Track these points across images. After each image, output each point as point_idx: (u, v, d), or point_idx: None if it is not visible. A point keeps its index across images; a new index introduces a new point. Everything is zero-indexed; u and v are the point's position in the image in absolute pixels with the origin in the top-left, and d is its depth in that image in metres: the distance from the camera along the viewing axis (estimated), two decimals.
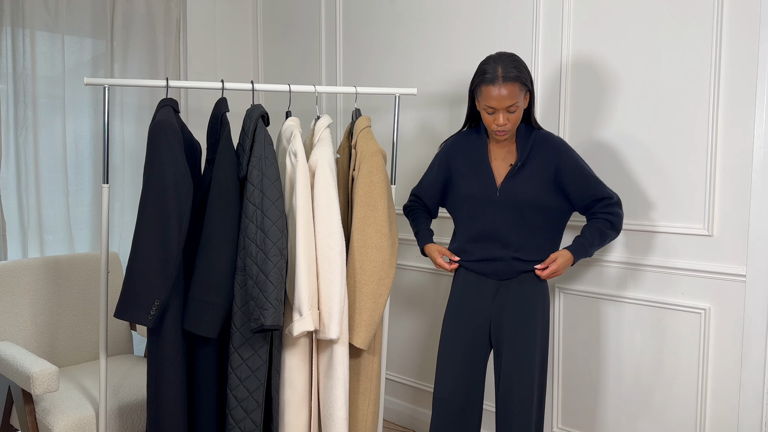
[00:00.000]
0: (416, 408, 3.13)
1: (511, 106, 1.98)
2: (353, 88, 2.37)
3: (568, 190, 2.07)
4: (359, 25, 3.25)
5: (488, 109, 2.00)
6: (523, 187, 2.05)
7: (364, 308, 2.17)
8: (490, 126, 2.04)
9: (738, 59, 2.09)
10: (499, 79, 1.96)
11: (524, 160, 2.07)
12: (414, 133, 3.05)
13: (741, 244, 2.12)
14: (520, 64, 2.00)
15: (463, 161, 2.15)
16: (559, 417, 2.61)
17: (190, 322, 2.03)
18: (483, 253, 2.10)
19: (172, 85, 2.21)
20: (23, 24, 2.98)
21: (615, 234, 2.10)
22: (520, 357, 2.04)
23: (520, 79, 1.97)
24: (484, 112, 2.03)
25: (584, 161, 2.12)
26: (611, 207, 2.08)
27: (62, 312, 2.68)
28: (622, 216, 2.11)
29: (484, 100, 2.00)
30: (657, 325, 2.32)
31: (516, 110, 2.00)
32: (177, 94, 3.52)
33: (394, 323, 3.18)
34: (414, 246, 3.06)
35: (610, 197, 2.08)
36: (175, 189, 1.98)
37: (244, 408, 2.10)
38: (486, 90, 1.98)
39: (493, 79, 1.96)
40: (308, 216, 2.07)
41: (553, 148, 2.08)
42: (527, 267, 2.09)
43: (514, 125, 2.03)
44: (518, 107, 2.00)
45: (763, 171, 2.06)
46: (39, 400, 2.30)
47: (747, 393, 2.12)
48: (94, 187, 3.26)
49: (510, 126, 2.02)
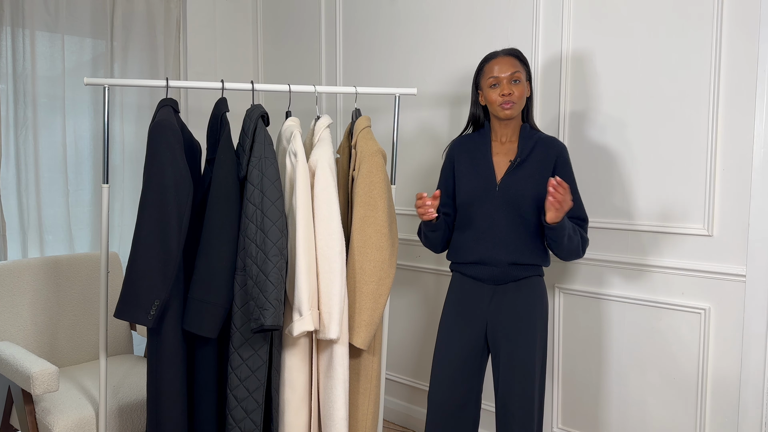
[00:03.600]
0: (414, 407, 3.13)
1: (515, 73, 2.03)
2: (353, 88, 2.37)
3: None
4: (359, 25, 3.25)
5: (492, 80, 2.05)
6: (522, 183, 2.05)
7: (364, 308, 2.17)
8: (495, 101, 2.05)
9: (738, 59, 2.09)
10: (500, 53, 2.09)
11: (525, 158, 2.07)
12: (414, 133, 3.05)
13: (741, 244, 2.12)
14: (522, 53, 2.11)
15: (466, 160, 2.16)
16: (559, 417, 2.61)
17: (190, 322, 2.03)
18: (479, 256, 2.09)
19: (172, 85, 2.21)
20: (23, 24, 2.98)
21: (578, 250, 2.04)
22: (519, 362, 2.04)
23: (521, 57, 2.08)
24: (489, 91, 2.06)
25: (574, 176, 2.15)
26: (583, 227, 2.10)
27: (62, 312, 2.68)
28: (588, 241, 2.10)
29: (487, 75, 2.07)
30: (657, 325, 2.32)
31: (519, 81, 2.04)
32: (177, 94, 3.52)
33: (393, 323, 3.18)
34: (414, 246, 3.07)
35: (583, 219, 2.11)
36: (175, 189, 1.98)
37: (244, 408, 2.10)
38: (488, 66, 2.08)
39: (495, 55, 2.09)
40: (308, 216, 2.07)
41: (555, 150, 2.09)
42: (524, 273, 2.08)
43: (519, 100, 2.05)
44: (521, 79, 2.05)
45: (763, 171, 2.06)
46: (39, 400, 2.30)
47: (747, 393, 2.12)
48: (94, 187, 3.26)
49: (515, 98, 2.03)
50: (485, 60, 2.11)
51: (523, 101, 2.07)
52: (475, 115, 2.20)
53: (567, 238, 2.00)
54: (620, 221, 2.38)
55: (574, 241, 2.03)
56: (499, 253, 2.07)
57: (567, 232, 1.99)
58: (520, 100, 2.05)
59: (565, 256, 2.06)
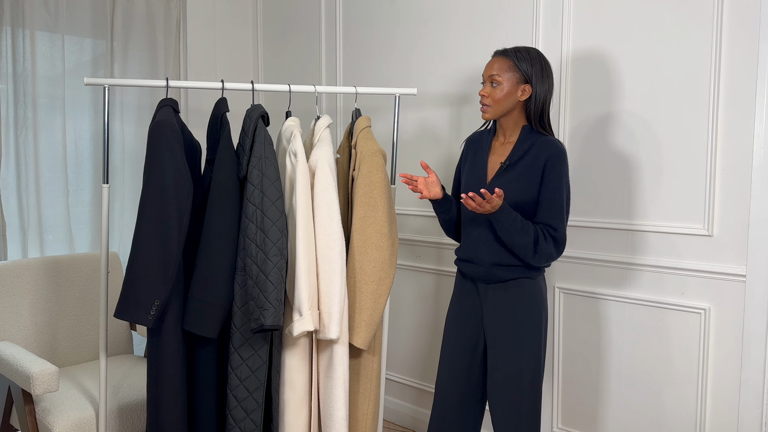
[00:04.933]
0: (417, 408, 3.13)
1: (493, 75, 2.01)
2: (353, 88, 2.37)
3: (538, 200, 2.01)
4: (359, 25, 3.25)
5: (482, 79, 2.08)
6: (507, 186, 2.01)
7: (364, 308, 2.17)
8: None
9: (738, 59, 2.09)
10: (497, 52, 2.06)
11: (516, 160, 2.03)
12: (414, 133, 3.05)
13: (741, 244, 2.12)
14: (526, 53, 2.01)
15: (472, 156, 2.16)
16: (559, 417, 2.61)
17: (190, 322, 2.03)
18: (469, 254, 2.09)
19: (172, 85, 2.21)
20: (23, 24, 2.98)
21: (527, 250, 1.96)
22: (504, 363, 2.02)
23: (514, 58, 2.00)
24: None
25: (566, 184, 2.01)
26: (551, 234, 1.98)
27: (62, 312, 2.68)
28: (548, 253, 1.98)
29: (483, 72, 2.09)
30: (657, 325, 2.32)
31: (499, 85, 2.00)
32: (177, 94, 3.52)
33: (394, 323, 3.18)
34: (414, 246, 3.07)
35: (555, 229, 1.98)
36: (175, 189, 1.98)
37: (244, 408, 2.10)
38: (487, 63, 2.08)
39: (494, 53, 2.08)
40: (308, 216, 2.07)
41: (546, 154, 1.99)
42: (509, 274, 2.03)
43: (495, 104, 2.01)
44: (501, 83, 2.00)
45: (763, 171, 2.06)
46: (39, 400, 2.30)
47: (747, 393, 2.12)
48: (94, 187, 3.26)
49: (490, 101, 2.02)
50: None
51: (500, 105, 2.01)
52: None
53: (505, 232, 1.94)
54: (620, 221, 2.38)
55: (516, 239, 1.94)
56: (483, 252, 2.06)
57: (505, 225, 1.92)
58: (495, 104, 2.01)
59: (514, 251, 1.99)
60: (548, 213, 1.98)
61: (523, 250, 1.97)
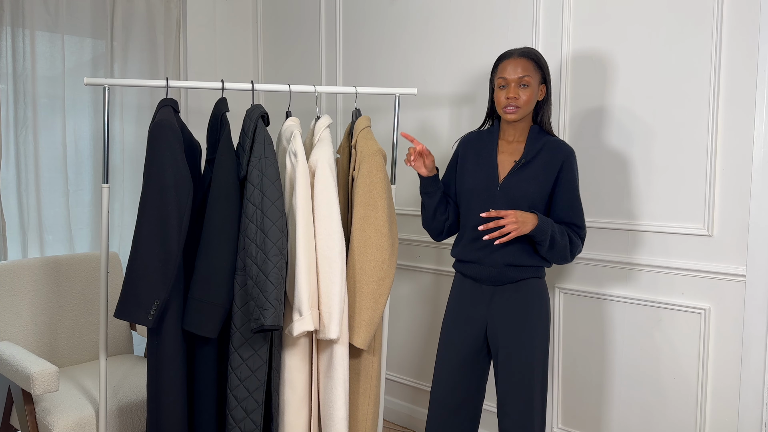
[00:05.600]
0: (415, 408, 3.13)
1: (524, 77, 1.99)
2: (353, 88, 2.37)
3: (554, 200, 2.06)
4: (359, 25, 3.26)
5: (501, 81, 2.02)
6: (524, 185, 2.03)
7: (364, 308, 2.17)
8: (501, 103, 2.02)
9: (738, 59, 2.09)
10: (515, 53, 2.03)
11: (530, 159, 2.05)
12: (414, 133, 3.04)
13: (741, 244, 2.12)
14: (539, 54, 2.06)
15: (472, 156, 2.15)
16: (559, 417, 2.61)
17: (190, 322, 2.03)
18: (477, 255, 2.08)
19: (172, 85, 2.21)
20: (23, 24, 2.98)
21: (565, 254, 2.02)
22: (517, 364, 2.03)
23: (537, 59, 2.03)
24: (497, 91, 2.04)
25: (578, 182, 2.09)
26: (578, 234, 2.06)
27: (62, 312, 2.68)
28: (579, 249, 2.06)
29: (498, 74, 2.03)
30: (657, 325, 2.32)
31: (528, 86, 2.00)
32: (177, 94, 3.52)
33: (394, 323, 3.18)
34: (414, 246, 3.07)
35: (580, 227, 2.06)
36: (175, 189, 1.98)
37: (244, 408, 2.10)
38: (501, 65, 2.04)
39: (510, 54, 2.04)
40: (308, 216, 2.07)
41: (562, 154, 2.04)
42: (521, 275, 2.05)
43: (525, 105, 2.01)
44: (530, 84, 2.00)
45: (763, 171, 2.06)
46: (39, 400, 2.30)
47: (747, 393, 2.12)
48: (94, 187, 3.26)
49: (521, 103, 2.00)
50: (500, 58, 2.06)
51: (529, 106, 2.02)
52: (492, 110, 2.17)
53: (549, 243, 1.98)
54: (620, 221, 2.38)
55: (559, 246, 2.00)
56: (495, 253, 2.06)
57: (548, 236, 1.97)
58: (525, 105, 2.01)
59: (551, 259, 2.05)
60: (571, 212, 2.04)
61: (562, 251, 2.02)
